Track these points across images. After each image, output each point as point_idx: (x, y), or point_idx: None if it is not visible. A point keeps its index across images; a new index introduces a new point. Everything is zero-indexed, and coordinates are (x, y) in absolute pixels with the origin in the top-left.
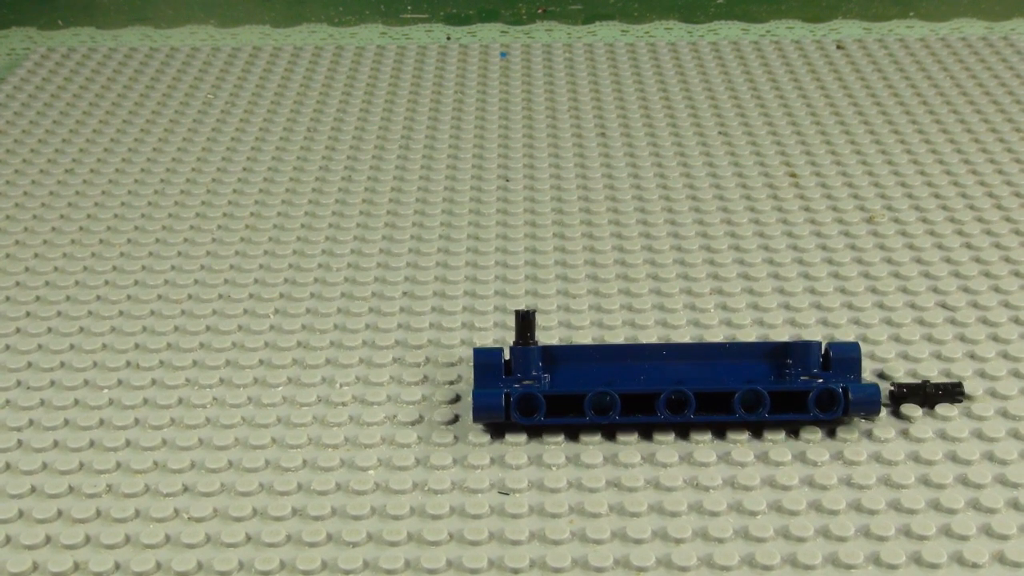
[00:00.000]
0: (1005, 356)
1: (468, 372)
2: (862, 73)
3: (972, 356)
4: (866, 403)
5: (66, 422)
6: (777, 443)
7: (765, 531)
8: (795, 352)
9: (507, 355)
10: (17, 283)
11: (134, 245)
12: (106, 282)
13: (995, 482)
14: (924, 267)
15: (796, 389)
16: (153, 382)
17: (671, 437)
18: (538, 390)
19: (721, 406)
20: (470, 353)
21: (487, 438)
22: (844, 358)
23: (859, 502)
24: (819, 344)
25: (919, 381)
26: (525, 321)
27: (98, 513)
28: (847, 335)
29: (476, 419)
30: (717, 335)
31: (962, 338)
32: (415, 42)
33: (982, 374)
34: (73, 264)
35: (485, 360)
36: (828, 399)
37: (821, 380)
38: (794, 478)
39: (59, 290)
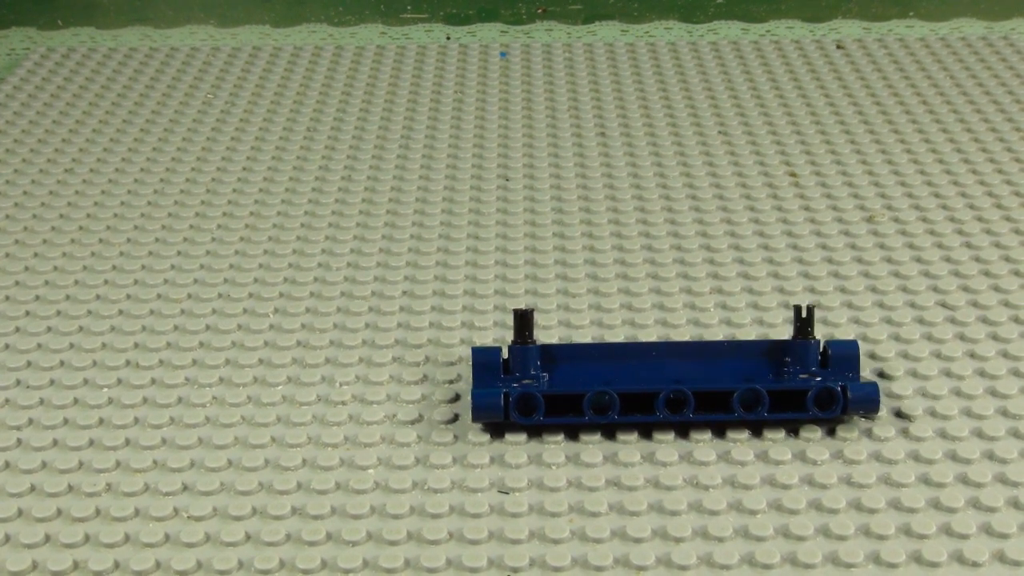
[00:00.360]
0: (1005, 355)
1: (468, 371)
2: (862, 73)
3: (972, 355)
4: (865, 402)
5: (65, 421)
6: (777, 442)
7: (765, 530)
8: (794, 351)
9: (506, 354)
10: (17, 282)
11: (134, 244)
12: (106, 281)
13: (995, 481)
14: (924, 266)
15: (795, 388)
16: (153, 381)
17: (671, 436)
18: (537, 389)
19: (720, 405)
20: (469, 352)
21: (487, 437)
22: (843, 356)
23: (859, 501)
24: (818, 343)
25: None
26: (523, 320)
27: (97, 512)
28: (847, 334)
29: (475, 419)
30: (717, 334)
31: (962, 337)
32: (415, 42)
33: (982, 373)
34: (73, 263)
35: (483, 359)
36: (827, 398)
37: (820, 379)
38: (794, 477)
39: (59, 289)
